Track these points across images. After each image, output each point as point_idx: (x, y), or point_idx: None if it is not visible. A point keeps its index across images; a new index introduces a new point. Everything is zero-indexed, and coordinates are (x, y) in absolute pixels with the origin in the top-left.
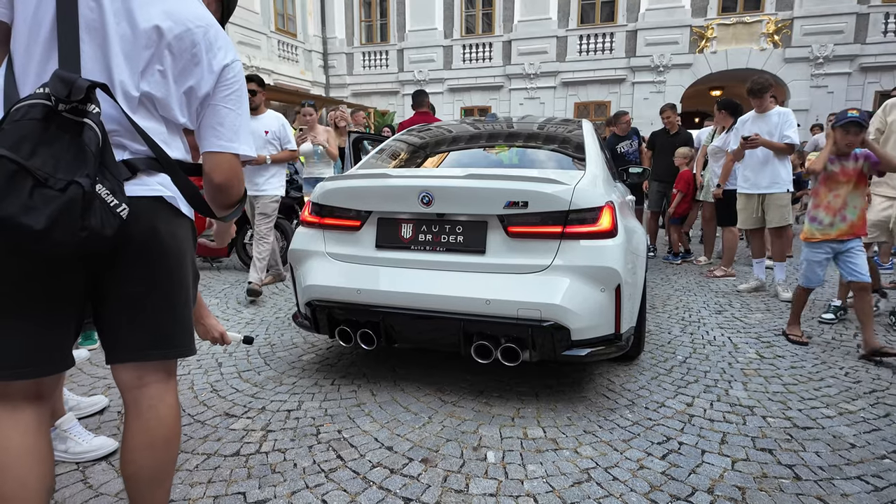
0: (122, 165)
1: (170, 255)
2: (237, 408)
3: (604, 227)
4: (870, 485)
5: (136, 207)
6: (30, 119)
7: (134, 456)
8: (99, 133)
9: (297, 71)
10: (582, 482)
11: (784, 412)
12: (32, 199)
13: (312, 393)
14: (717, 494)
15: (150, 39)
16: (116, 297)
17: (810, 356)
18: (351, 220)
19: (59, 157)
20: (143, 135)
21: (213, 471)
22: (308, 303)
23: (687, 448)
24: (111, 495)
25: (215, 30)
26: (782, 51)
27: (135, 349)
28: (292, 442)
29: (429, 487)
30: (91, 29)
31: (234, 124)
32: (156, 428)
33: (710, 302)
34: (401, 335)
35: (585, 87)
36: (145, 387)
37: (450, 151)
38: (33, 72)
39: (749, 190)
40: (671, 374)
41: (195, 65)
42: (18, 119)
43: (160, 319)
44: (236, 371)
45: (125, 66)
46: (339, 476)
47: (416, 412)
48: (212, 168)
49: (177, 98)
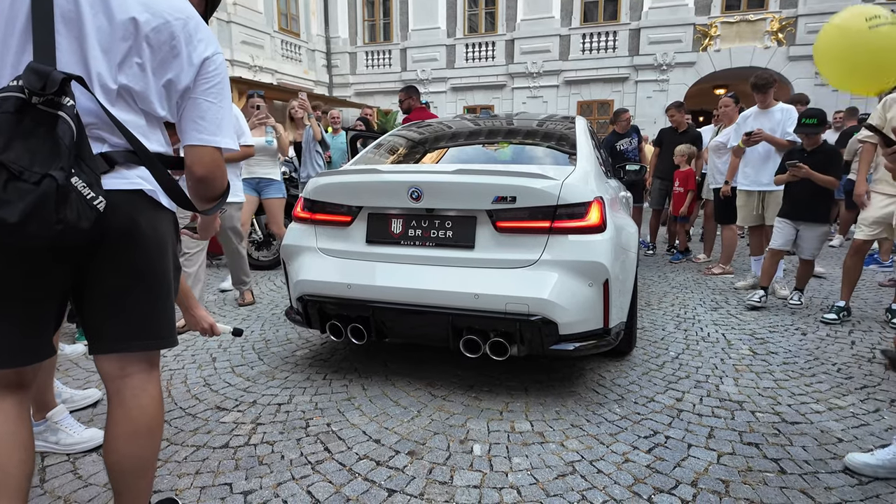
0: (100, 158)
1: (150, 248)
2: (228, 401)
3: (592, 222)
4: (855, 479)
5: (115, 200)
6: (3, 112)
7: (117, 445)
8: (73, 126)
9: (301, 70)
10: (566, 475)
11: (773, 407)
12: (6, 193)
13: (304, 387)
14: (701, 487)
15: (128, 31)
16: (98, 289)
17: (804, 352)
18: (342, 216)
19: (34, 151)
20: (120, 128)
21: (201, 462)
22: (299, 297)
23: (673, 442)
24: (100, 485)
25: (195, 22)
26: (786, 49)
27: (117, 340)
28: (281, 435)
29: (413, 479)
30: (67, 21)
31: (216, 117)
32: (138, 418)
33: (707, 299)
34: (391, 329)
35: (588, 86)
36: (128, 377)
37: (442, 147)
38: (9, 63)
39: (749, 187)
40: (662, 370)
41: (174, 57)
42: None
43: (142, 311)
44: (230, 366)
45: (102, 59)
46: (326, 468)
47: (406, 406)
48: (193, 161)
49: (156, 91)
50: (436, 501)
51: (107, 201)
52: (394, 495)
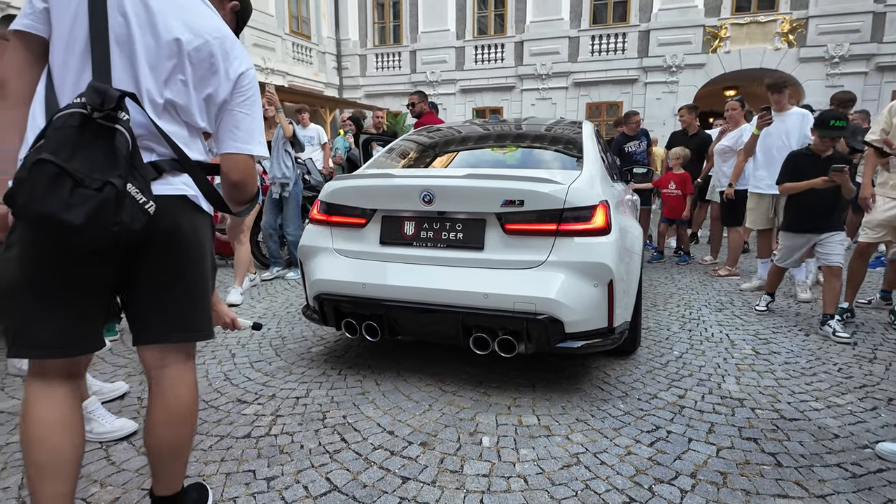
0: (150, 167)
1: (192, 248)
2: (249, 395)
3: (597, 225)
4: (848, 472)
5: (162, 204)
6: (68, 126)
7: (156, 430)
8: (129, 138)
9: (311, 73)
10: (571, 465)
11: (773, 405)
12: (72, 198)
13: (320, 382)
14: (700, 478)
15: (172, 51)
16: (144, 285)
17: (805, 353)
18: (357, 218)
19: (94, 160)
20: (167, 139)
21: (225, 451)
22: (316, 296)
23: (675, 437)
24: (132, 471)
25: (231, 40)
26: (797, 50)
27: (159, 332)
28: (300, 426)
29: (426, 468)
30: (120, 42)
31: (250, 127)
32: (175, 405)
33: (712, 300)
34: (403, 327)
35: (597, 88)
36: (167, 367)
37: (453, 151)
38: (70, 82)
39: (764, 190)
40: (666, 369)
41: (213, 73)
42: (59, 127)
43: (182, 306)
44: (248, 361)
45: (150, 76)
46: (343, 457)
47: (418, 400)
48: (229, 168)
49: (197, 104)
50: (447, 488)
51: (155, 205)
52: (407, 482)
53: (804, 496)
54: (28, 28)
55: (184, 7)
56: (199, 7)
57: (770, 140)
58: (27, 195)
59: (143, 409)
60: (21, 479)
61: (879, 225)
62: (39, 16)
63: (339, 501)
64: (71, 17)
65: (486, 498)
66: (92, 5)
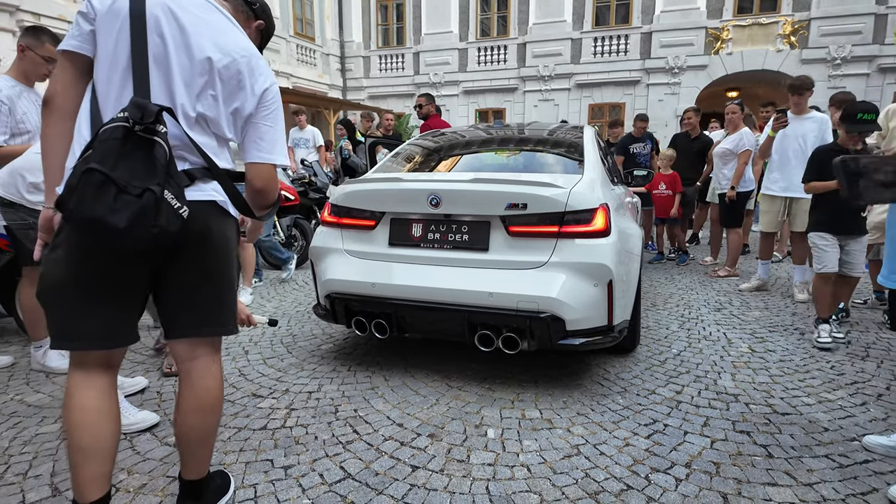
0: (183, 174)
1: (220, 250)
2: (263, 389)
3: (597, 227)
4: (835, 462)
5: (194, 209)
6: (113, 139)
7: (185, 418)
8: (166, 149)
9: (316, 74)
10: (572, 455)
11: (766, 400)
12: (116, 203)
13: (331, 377)
14: (694, 468)
15: (204, 68)
16: (175, 284)
17: (800, 351)
18: (366, 220)
19: (135, 169)
20: (198, 149)
21: (243, 441)
22: (327, 295)
23: (671, 430)
24: (156, 460)
25: (256, 58)
26: (799, 52)
27: (189, 327)
28: (313, 419)
29: (434, 458)
30: (158, 61)
31: (273, 139)
32: (204, 395)
33: (711, 300)
34: (411, 325)
35: (600, 89)
36: (196, 359)
37: (458, 156)
38: (113, 98)
39: (776, 192)
40: (664, 366)
41: (240, 89)
42: (105, 139)
43: (211, 303)
44: (261, 358)
45: (185, 92)
46: (356, 447)
47: (425, 395)
48: (253, 176)
49: (225, 117)
50: (455, 476)
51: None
52: (417, 471)
53: (792, 484)
54: (75, 48)
55: (214, 27)
56: (228, 27)
57: (787, 142)
58: (77, 201)
59: (162, 402)
60: (52, 467)
61: (875, 227)
62: (86, 37)
63: (353, 488)
64: (114, 38)
65: (492, 485)
66: (133, 28)
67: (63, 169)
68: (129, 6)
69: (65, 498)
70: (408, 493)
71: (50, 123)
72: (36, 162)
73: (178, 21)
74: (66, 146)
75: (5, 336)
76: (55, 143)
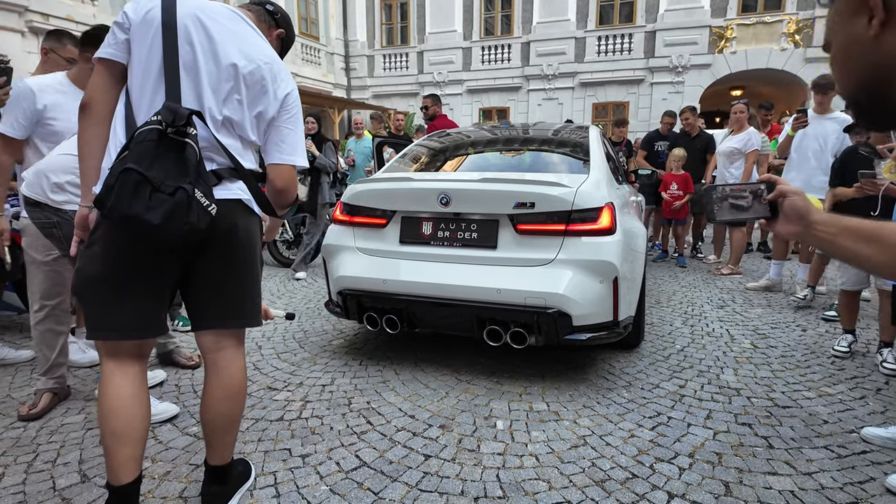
0: (211, 174)
1: (245, 246)
2: (278, 383)
3: (603, 226)
4: (834, 453)
5: (222, 207)
6: (149, 140)
7: (212, 405)
8: (197, 150)
9: (320, 74)
10: (578, 446)
11: (768, 394)
12: (151, 201)
13: (343, 371)
14: (697, 458)
15: (230, 74)
16: (203, 278)
17: (802, 347)
18: (378, 219)
19: (168, 169)
20: (225, 151)
21: (261, 432)
22: (339, 291)
23: (675, 422)
24: (179, 448)
25: (278, 65)
26: (803, 50)
27: (215, 319)
28: (328, 410)
29: (445, 447)
30: (188, 68)
31: (293, 141)
32: (229, 384)
33: (714, 297)
34: (422, 321)
35: (604, 88)
36: (222, 350)
37: (466, 155)
38: (146, 103)
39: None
40: (668, 361)
41: (264, 94)
42: (140, 141)
43: (236, 296)
44: (275, 353)
45: (212, 96)
46: (370, 437)
47: (435, 388)
48: (275, 176)
49: (249, 120)
50: (466, 464)
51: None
52: (430, 459)
53: (792, 473)
54: (111, 56)
55: (239, 36)
56: (252, 36)
57: (806, 142)
58: (116, 199)
59: (181, 395)
60: (80, 455)
61: None
62: (121, 46)
63: (368, 475)
64: (147, 47)
65: (502, 473)
66: (165, 37)
67: (99, 169)
68: (161, 17)
69: (93, 484)
70: (421, 480)
71: (87, 126)
72: (60, 163)
73: (206, 30)
74: (102, 148)
75: (25, 331)
76: (92, 145)
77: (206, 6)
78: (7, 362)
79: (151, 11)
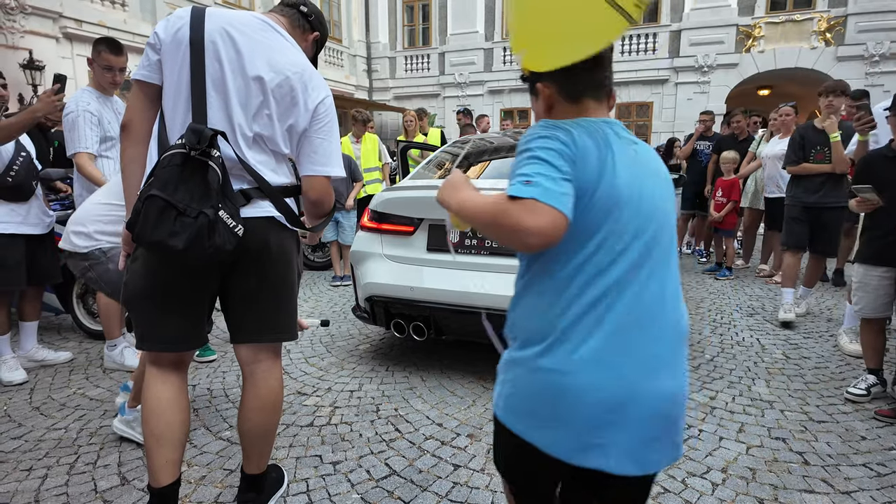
0: (240, 194)
1: (279, 262)
2: (307, 388)
3: None
4: (873, 471)
5: (252, 226)
6: (173, 165)
7: (249, 416)
8: (219, 172)
9: (343, 76)
10: None
11: (802, 407)
12: (175, 226)
13: (370, 377)
14: (730, 473)
15: (258, 89)
16: (239, 293)
17: (836, 358)
18: (405, 226)
19: (193, 192)
20: (249, 170)
21: (292, 437)
22: (367, 298)
23: (706, 435)
24: (213, 453)
25: (309, 72)
26: (835, 49)
27: (251, 333)
28: (356, 416)
29: (474, 457)
30: (216, 85)
31: (327, 151)
32: (266, 395)
33: (744, 305)
34: (448, 328)
35: (627, 88)
36: (259, 363)
37: (491, 161)
38: (178, 123)
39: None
40: (698, 371)
41: (294, 105)
42: (165, 166)
43: (271, 311)
44: (303, 357)
45: (242, 113)
46: (399, 445)
47: (462, 396)
48: (309, 188)
49: (281, 134)
50: (495, 475)
51: (245, 227)
52: (459, 469)
53: (829, 492)
54: (145, 77)
55: (268, 47)
56: (280, 44)
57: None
58: (142, 224)
59: (213, 398)
60: (119, 458)
61: None
62: (154, 66)
63: (398, 484)
64: (178, 66)
65: None
66: (193, 56)
67: (139, 188)
68: (189, 35)
69: (132, 487)
70: (451, 490)
71: (127, 147)
72: (89, 213)
73: (234, 44)
74: (142, 167)
75: (63, 332)
76: (132, 164)
77: (234, 18)
78: (47, 364)
79: (181, 31)
